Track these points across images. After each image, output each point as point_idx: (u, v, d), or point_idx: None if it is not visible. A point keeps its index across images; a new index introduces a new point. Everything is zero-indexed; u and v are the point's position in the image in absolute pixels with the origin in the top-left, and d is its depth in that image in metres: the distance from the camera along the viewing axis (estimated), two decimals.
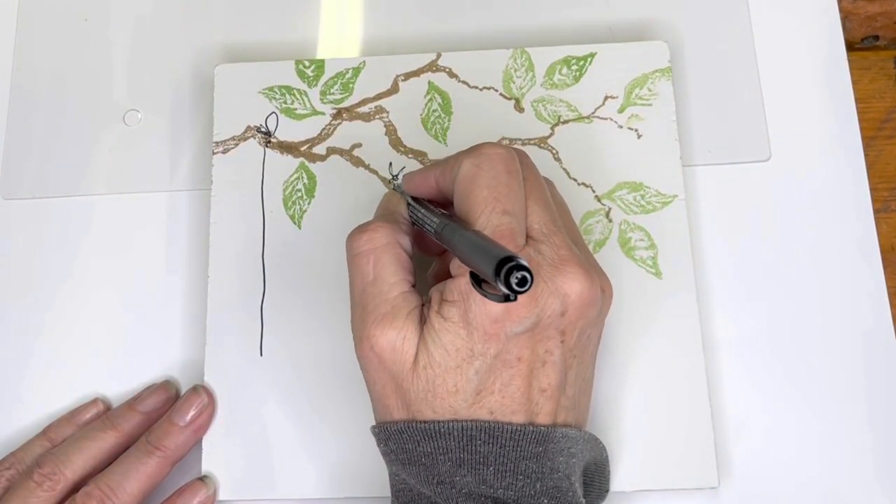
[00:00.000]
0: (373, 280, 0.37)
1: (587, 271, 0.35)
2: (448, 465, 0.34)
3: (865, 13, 0.52)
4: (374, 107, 0.48)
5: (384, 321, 0.35)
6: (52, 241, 0.48)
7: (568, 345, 0.36)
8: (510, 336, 0.34)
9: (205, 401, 0.43)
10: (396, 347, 0.35)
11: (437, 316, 0.35)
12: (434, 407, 0.35)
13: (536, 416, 0.35)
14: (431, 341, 0.35)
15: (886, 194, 0.48)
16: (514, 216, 0.35)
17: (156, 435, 0.42)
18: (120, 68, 0.51)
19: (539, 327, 0.35)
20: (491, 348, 0.34)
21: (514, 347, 0.34)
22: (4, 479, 0.42)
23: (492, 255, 0.30)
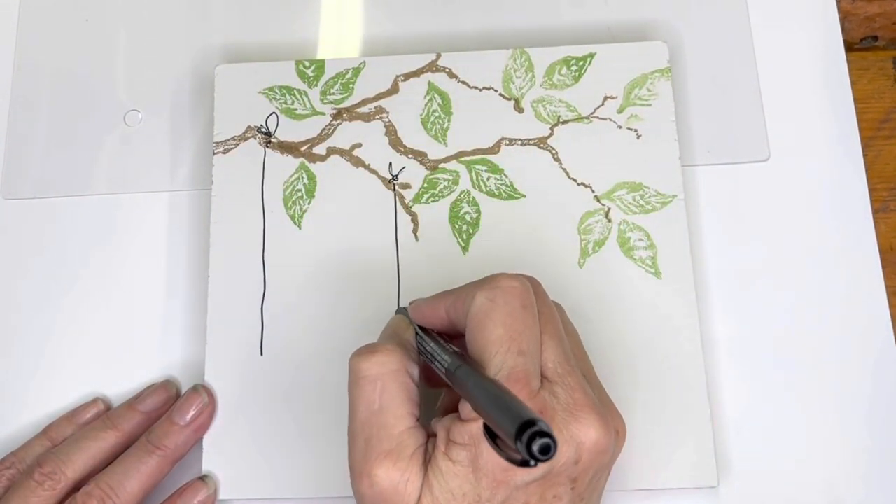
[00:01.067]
0: (378, 410, 0.35)
1: (602, 416, 0.34)
2: None
3: (864, 14, 0.52)
4: (374, 107, 0.48)
5: (388, 459, 0.34)
6: (53, 241, 0.48)
7: (578, 490, 0.34)
8: (518, 485, 0.33)
9: (205, 400, 0.43)
10: (399, 490, 0.34)
11: (445, 458, 0.34)
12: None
13: None
14: (437, 484, 0.33)
15: (885, 194, 0.48)
16: (530, 356, 0.34)
17: (156, 434, 0.42)
18: (120, 68, 0.51)
19: (550, 475, 0.33)
20: (498, 495, 0.33)
21: (521, 495, 0.33)
22: (5, 478, 0.42)
23: (513, 414, 0.28)
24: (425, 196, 0.46)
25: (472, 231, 0.46)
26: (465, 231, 0.46)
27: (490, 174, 0.46)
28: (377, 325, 0.44)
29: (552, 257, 0.45)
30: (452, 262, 0.45)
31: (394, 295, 0.45)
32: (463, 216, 0.46)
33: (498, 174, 0.46)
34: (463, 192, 0.46)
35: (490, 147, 0.47)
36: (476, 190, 0.46)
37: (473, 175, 0.46)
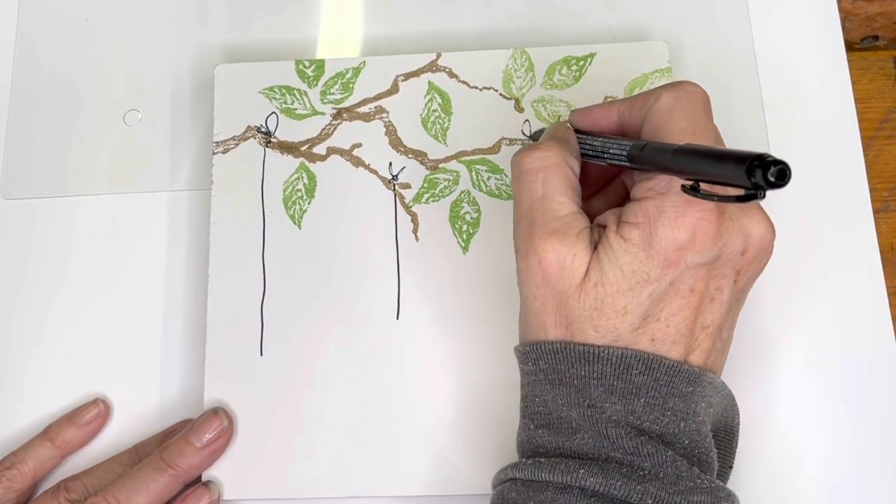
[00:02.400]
0: (542, 196, 0.36)
1: (769, 219, 0.36)
2: (600, 391, 0.34)
3: (865, 13, 0.52)
4: (375, 107, 0.48)
5: (555, 236, 0.35)
6: (53, 241, 0.48)
7: (738, 286, 0.36)
8: (689, 266, 0.34)
9: (224, 425, 0.43)
10: (566, 263, 0.35)
11: (617, 236, 0.35)
12: (597, 326, 0.34)
13: (692, 352, 0.35)
14: (607, 260, 0.34)
15: (886, 194, 0.48)
16: None
17: (170, 452, 0.42)
18: (120, 68, 0.51)
19: (718, 262, 0.35)
20: (668, 275, 0.34)
21: (689, 278, 0.34)
22: (5, 478, 0.42)
23: (737, 155, 0.29)
24: (425, 196, 0.46)
25: (472, 231, 0.46)
26: (465, 231, 0.46)
27: (490, 174, 0.46)
28: (377, 326, 0.44)
29: None
30: (452, 262, 0.45)
31: (394, 295, 0.45)
32: (463, 216, 0.46)
33: (498, 174, 0.46)
34: (463, 192, 0.46)
35: (490, 147, 0.47)
36: (476, 190, 0.46)
37: (473, 175, 0.46)
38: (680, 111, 0.36)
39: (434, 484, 0.43)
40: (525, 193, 0.37)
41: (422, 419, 0.43)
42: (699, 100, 0.36)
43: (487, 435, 0.43)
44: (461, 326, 0.44)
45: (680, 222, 0.33)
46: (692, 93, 0.36)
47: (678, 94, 0.36)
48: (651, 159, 0.34)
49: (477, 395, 0.43)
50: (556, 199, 0.36)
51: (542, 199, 0.36)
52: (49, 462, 0.44)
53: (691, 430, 0.34)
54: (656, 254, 0.34)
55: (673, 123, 0.35)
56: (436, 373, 0.44)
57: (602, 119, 0.40)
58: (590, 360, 0.34)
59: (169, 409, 0.46)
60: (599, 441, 0.34)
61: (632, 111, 0.38)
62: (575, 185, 0.37)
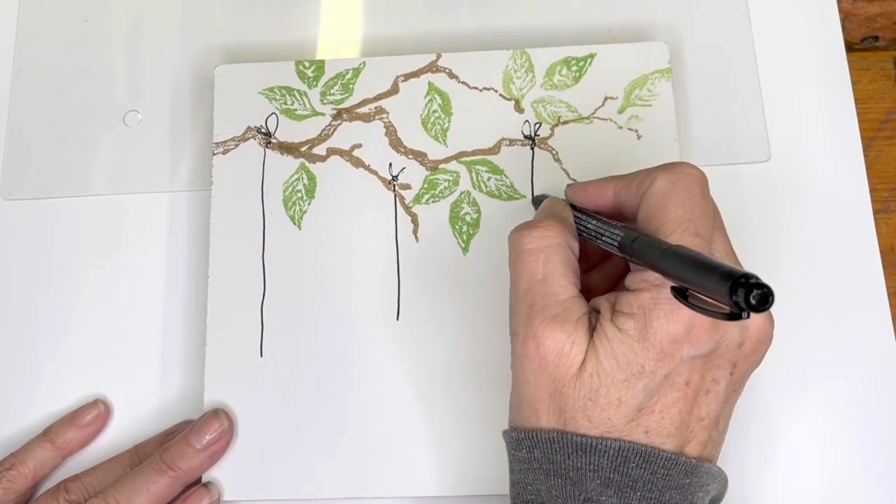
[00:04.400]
0: (542, 278, 0.36)
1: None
2: (596, 484, 0.34)
3: (865, 14, 0.52)
4: (374, 107, 0.48)
5: (554, 323, 0.34)
6: (53, 241, 0.48)
7: (735, 377, 0.35)
8: (685, 359, 0.33)
9: (224, 426, 0.43)
10: (564, 351, 0.34)
11: (612, 326, 0.34)
12: (591, 416, 0.34)
13: (687, 444, 0.35)
14: (603, 350, 0.34)
15: (886, 195, 0.48)
16: (705, 240, 0.34)
17: (171, 454, 0.42)
18: (120, 68, 0.51)
19: (714, 355, 0.34)
20: (662, 367, 0.33)
21: (685, 371, 0.34)
22: (6, 479, 0.42)
23: (722, 271, 0.29)
24: (425, 197, 0.46)
25: (472, 231, 0.46)
26: (465, 231, 0.46)
27: (490, 175, 0.46)
28: (377, 326, 0.44)
29: None
30: (452, 262, 0.45)
31: (394, 295, 0.45)
32: (463, 217, 0.46)
33: (498, 174, 0.46)
34: (463, 193, 0.46)
35: (490, 147, 0.47)
36: (476, 190, 0.46)
37: (473, 175, 0.46)
38: (676, 197, 0.35)
39: (434, 484, 0.43)
40: (524, 274, 0.36)
41: (421, 419, 0.43)
42: (696, 183, 0.36)
43: (488, 435, 0.43)
44: (461, 326, 0.44)
45: (675, 315, 0.33)
46: (689, 176, 0.36)
47: (675, 177, 0.35)
48: (641, 254, 0.34)
49: (477, 395, 0.43)
50: (557, 282, 0.35)
51: (542, 282, 0.35)
52: (49, 463, 0.44)
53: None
54: (651, 346, 0.33)
55: (668, 210, 0.35)
56: (436, 373, 0.44)
57: (597, 197, 0.39)
58: (587, 451, 0.34)
59: (169, 409, 0.46)
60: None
61: (627, 191, 0.37)
62: (575, 267, 0.37)
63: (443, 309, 0.45)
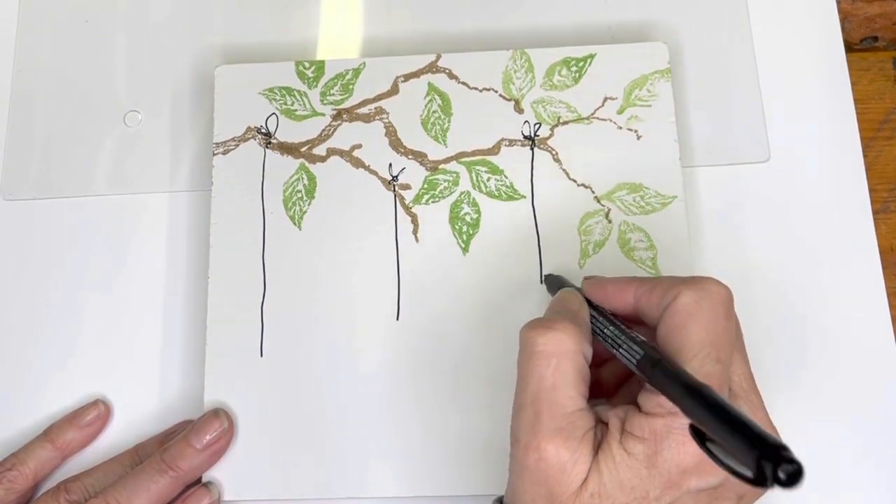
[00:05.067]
0: (551, 387, 0.34)
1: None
2: None
3: (864, 14, 0.52)
4: (374, 108, 0.48)
5: (559, 437, 0.33)
6: (53, 241, 0.48)
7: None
8: (691, 490, 0.33)
9: (224, 426, 0.43)
10: (566, 468, 0.33)
11: (620, 448, 0.33)
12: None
13: None
14: (607, 471, 0.33)
15: (885, 195, 0.48)
16: (725, 367, 0.34)
17: (171, 454, 0.42)
18: (120, 69, 0.51)
19: (722, 488, 0.33)
20: (667, 496, 0.33)
21: (690, 500, 0.33)
22: (6, 479, 0.42)
23: (754, 433, 0.27)
24: (425, 197, 0.46)
25: (472, 232, 0.46)
26: (465, 232, 0.46)
27: (490, 175, 0.46)
28: (377, 326, 0.44)
29: (553, 258, 0.45)
30: (452, 262, 0.45)
31: (394, 296, 0.45)
32: (463, 217, 0.46)
33: (498, 175, 0.46)
34: (463, 193, 0.46)
35: (490, 148, 0.47)
36: (476, 191, 0.46)
37: (473, 176, 0.46)
38: (700, 318, 0.34)
39: (435, 484, 0.43)
40: (533, 378, 0.35)
41: (421, 419, 0.43)
42: (721, 303, 0.34)
43: (488, 434, 0.43)
44: (461, 326, 0.44)
45: (687, 447, 0.32)
46: (714, 295, 0.34)
47: (700, 295, 0.34)
48: (660, 382, 0.32)
49: (477, 394, 0.43)
50: (566, 392, 0.34)
51: (550, 390, 0.34)
52: (50, 463, 0.44)
53: None
54: (659, 474, 0.33)
55: (691, 331, 0.34)
56: (435, 373, 0.44)
57: (616, 298, 0.38)
58: None
59: (169, 409, 0.46)
60: None
61: (649, 299, 0.36)
62: (586, 376, 0.35)
63: (443, 309, 0.45)
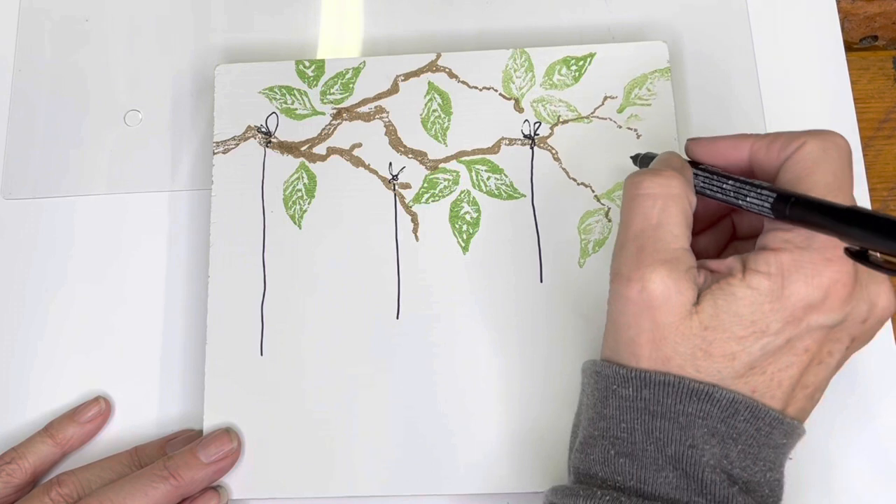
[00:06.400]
0: (656, 224, 0.35)
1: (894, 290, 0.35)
2: (703, 431, 0.33)
3: (864, 13, 0.52)
4: (375, 107, 0.48)
5: (664, 267, 0.34)
6: (53, 241, 0.48)
7: (849, 352, 0.35)
8: (812, 326, 0.33)
9: (233, 447, 0.42)
10: (670, 297, 0.34)
11: (742, 284, 0.33)
12: (699, 367, 0.34)
13: (787, 408, 0.35)
14: (725, 305, 0.33)
15: (885, 194, 0.48)
16: None
17: (175, 463, 0.41)
18: (120, 68, 0.51)
19: (839, 327, 0.34)
20: (787, 331, 0.33)
21: (807, 337, 0.34)
22: (5, 473, 0.43)
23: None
24: (425, 196, 0.46)
25: (472, 231, 0.46)
26: (465, 231, 0.46)
27: (490, 174, 0.46)
28: (377, 326, 0.44)
29: (553, 257, 0.45)
30: (452, 262, 0.45)
31: (394, 295, 0.45)
32: (463, 216, 0.46)
33: (498, 174, 0.46)
34: (463, 192, 0.46)
35: (490, 147, 0.47)
36: (476, 190, 0.46)
37: (473, 175, 0.47)
38: (827, 164, 0.34)
39: (437, 483, 0.43)
40: (638, 217, 0.35)
41: (422, 418, 0.43)
42: (845, 154, 0.35)
43: (489, 433, 0.43)
44: (461, 326, 0.44)
45: (816, 281, 0.33)
46: (840, 146, 0.35)
47: (826, 144, 0.35)
48: (804, 216, 0.33)
49: (477, 394, 0.43)
50: (671, 230, 0.35)
51: (655, 227, 0.35)
52: (49, 458, 0.44)
53: (773, 481, 0.34)
54: (783, 308, 0.33)
55: (818, 177, 0.34)
56: (436, 372, 0.44)
57: (730, 152, 0.38)
58: (700, 398, 0.33)
59: (169, 408, 0.46)
60: (686, 483, 0.33)
61: (768, 151, 0.36)
62: (689, 222, 0.36)
63: (443, 309, 0.45)
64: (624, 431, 0.35)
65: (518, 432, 0.43)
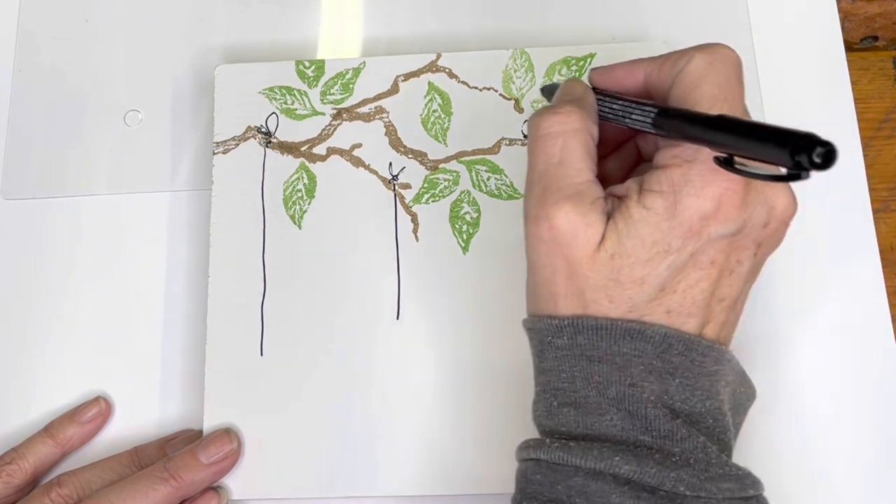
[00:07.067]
0: (558, 163, 0.35)
1: (792, 190, 0.35)
2: (640, 370, 0.34)
3: (864, 14, 0.52)
4: (375, 107, 0.48)
5: (568, 202, 0.34)
6: (52, 241, 0.48)
7: (758, 259, 0.35)
8: (712, 238, 0.33)
9: (233, 447, 0.43)
10: (578, 231, 0.34)
11: (638, 206, 0.33)
12: (612, 296, 0.34)
13: (707, 324, 0.35)
14: (626, 230, 0.33)
15: (885, 194, 0.48)
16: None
17: (175, 464, 0.41)
18: (120, 68, 0.51)
19: (741, 234, 0.34)
20: (689, 246, 0.33)
21: (710, 250, 0.34)
22: (5, 473, 0.43)
23: (781, 133, 0.28)
24: (425, 196, 0.46)
25: (472, 231, 0.46)
26: (465, 231, 0.46)
27: (490, 174, 0.46)
28: (377, 326, 0.44)
29: None
30: (452, 262, 0.45)
31: (394, 295, 0.45)
32: (463, 216, 0.46)
33: (498, 174, 0.46)
34: (463, 192, 0.46)
35: (490, 147, 0.47)
36: (476, 190, 0.46)
37: (473, 175, 0.46)
38: (713, 76, 0.34)
39: (437, 483, 0.43)
40: (540, 157, 0.36)
41: (423, 418, 0.43)
42: (733, 65, 0.35)
43: (489, 433, 0.43)
44: (461, 326, 0.44)
45: (706, 192, 0.33)
46: (727, 57, 0.35)
47: (712, 57, 0.35)
48: (680, 128, 0.33)
49: (477, 394, 0.43)
50: (574, 165, 0.35)
51: (558, 165, 0.35)
52: (49, 459, 0.44)
53: (714, 409, 0.34)
54: (679, 224, 0.33)
55: (704, 89, 0.34)
56: (436, 372, 0.44)
57: (626, 78, 0.38)
58: (634, 337, 0.33)
59: (169, 408, 0.46)
60: (631, 423, 0.33)
61: (660, 72, 0.36)
62: (592, 153, 0.36)
63: (443, 309, 0.45)
64: (565, 381, 0.35)
65: (520, 432, 0.43)
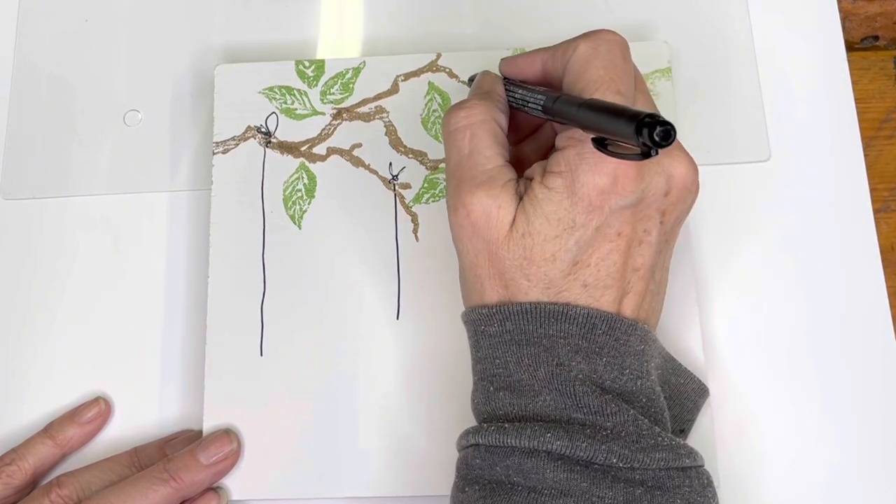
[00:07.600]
0: (469, 153, 0.37)
1: (691, 157, 0.37)
2: (566, 350, 0.35)
3: (865, 13, 0.52)
4: (375, 107, 0.48)
5: (480, 189, 0.36)
6: (52, 241, 0.48)
7: (665, 227, 0.37)
8: (613, 210, 0.35)
9: (233, 448, 0.43)
10: (491, 215, 0.36)
11: (541, 186, 0.35)
12: (528, 275, 0.35)
13: (626, 295, 0.36)
14: (532, 210, 0.35)
15: (886, 194, 0.48)
16: (626, 98, 0.36)
17: (175, 465, 0.41)
18: (120, 68, 0.51)
19: (642, 204, 0.35)
20: (593, 220, 0.35)
21: (615, 221, 0.35)
22: (5, 474, 0.43)
23: (630, 113, 0.30)
24: (425, 196, 0.46)
25: None
26: None
27: None
28: (377, 326, 0.44)
29: None
30: (452, 262, 0.45)
31: (394, 295, 0.45)
32: None
33: None
34: None
35: None
36: None
37: None
38: (597, 60, 0.36)
39: (437, 483, 0.43)
40: (453, 151, 0.38)
41: (422, 418, 0.43)
42: (617, 46, 0.37)
43: None
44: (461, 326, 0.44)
45: (600, 168, 0.34)
46: (610, 41, 0.37)
47: (596, 43, 0.37)
48: (563, 113, 0.35)
49: None
50: (483, 153, 0.37)
51: (469, 156, 0.37)
52: (49, 459, 0.44)
53: (647, 389, 0.35)
54: (579, 200, 0.35)
55: (590, 73, 0.36)
56: (436, 372, 0.44)
57: (527, 68, 0.40)
58: (558, 318, 0.35)
59: (169, 408, 0.46)
60: (562, 401, 0.35)
61: (553, 60, 0.39)
62: (501, 140, 0.38)
63: (443, 309, 0.45)
64: (499, 367, 0.36)
65: None
